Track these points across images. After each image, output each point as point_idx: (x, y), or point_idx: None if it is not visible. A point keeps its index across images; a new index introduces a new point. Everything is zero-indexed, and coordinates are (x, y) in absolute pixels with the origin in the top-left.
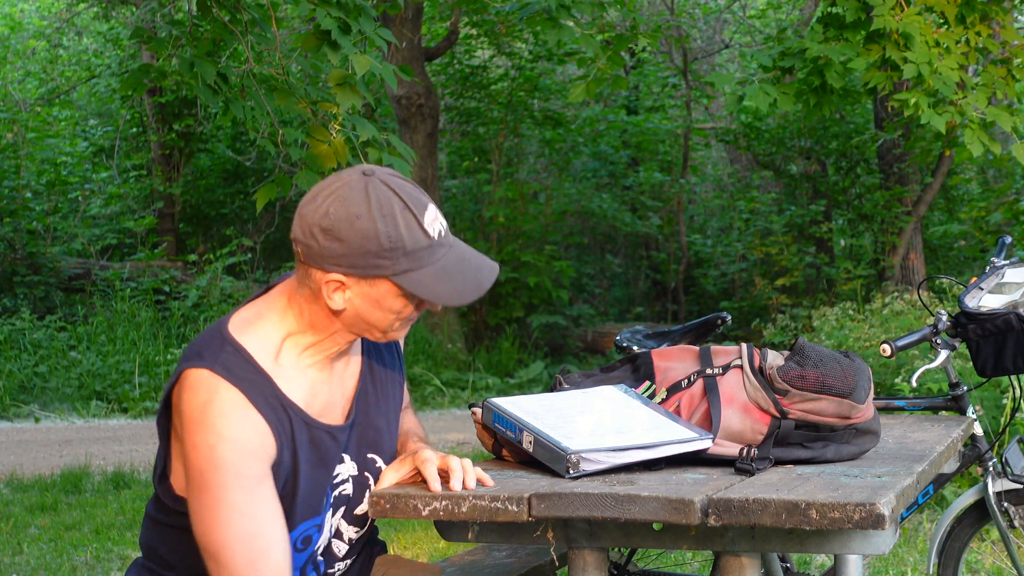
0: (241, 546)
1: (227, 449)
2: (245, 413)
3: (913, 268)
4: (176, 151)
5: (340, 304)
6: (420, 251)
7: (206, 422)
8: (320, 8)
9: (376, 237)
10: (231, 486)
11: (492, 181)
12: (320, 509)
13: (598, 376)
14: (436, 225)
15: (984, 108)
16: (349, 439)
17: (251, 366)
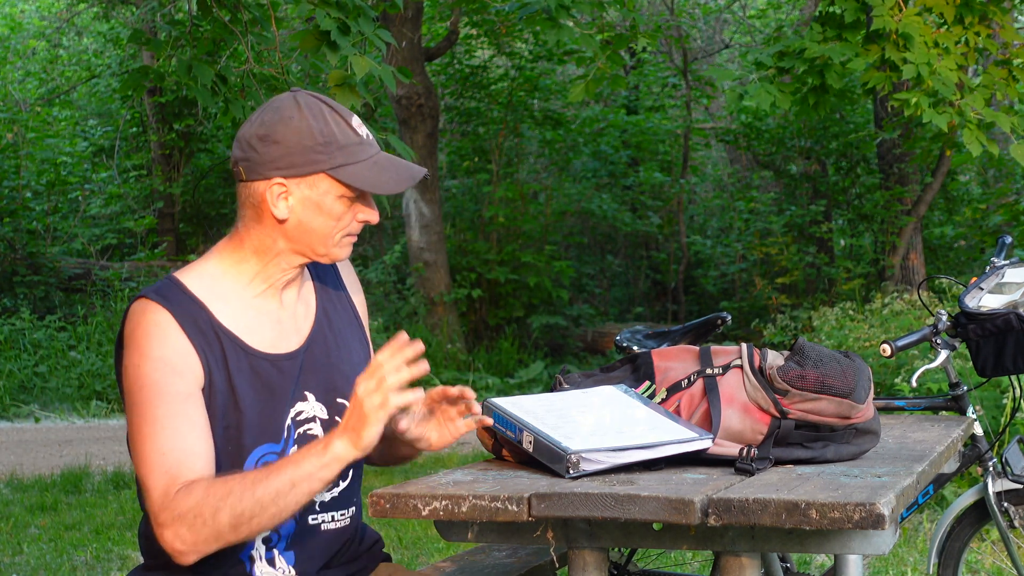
0: (159, 458)
1: (150, 368)
2: (170, 332)
3: (913, 268)
4: (176, 151)
5: (284, 212)
6: (352, 146)
7: (134, 343)
8: (319, 8)
9: (310, 132)
10: (154, 403)
11: (492, 181)
12: (277, 437)
13: (598, 376)
14: (363, 130)
15: (982, 109)
16: (303, 374)
17: (186, 296)
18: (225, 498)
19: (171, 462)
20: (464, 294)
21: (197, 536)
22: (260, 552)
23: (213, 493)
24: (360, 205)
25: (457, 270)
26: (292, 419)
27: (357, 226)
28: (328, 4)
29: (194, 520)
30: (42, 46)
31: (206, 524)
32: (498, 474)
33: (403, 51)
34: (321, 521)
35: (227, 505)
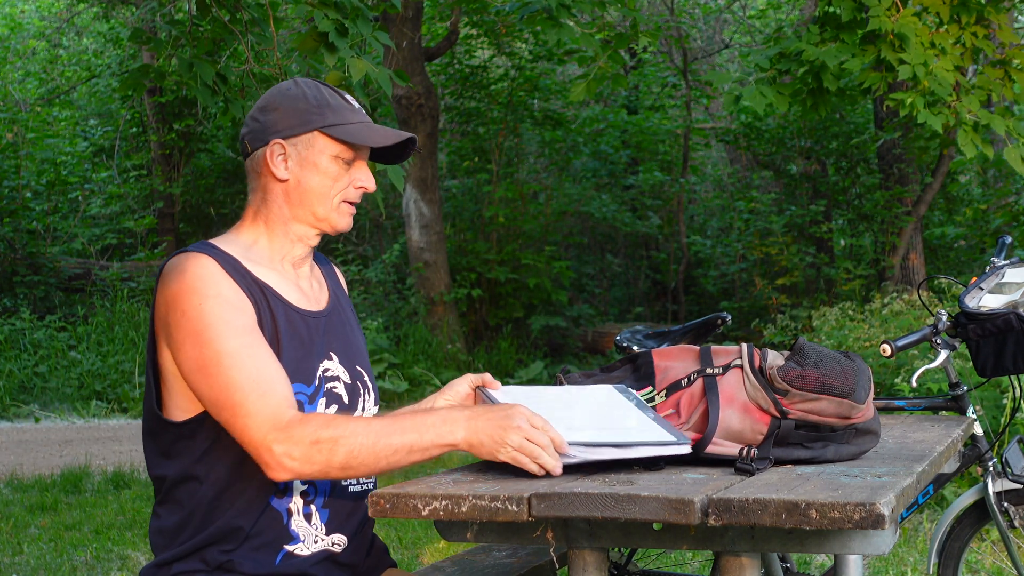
0: (251, 384)
1: (213, 304)
2: (220, 275)
3: (913, 268)
4: (176, 151)
5: (284, 172)
6: (343, 110)
7: (188, 287)
8: (318, 10)
9: (304, 97)
10: (225, 335)
11: (492, 181)
12: (308, 380)
13: (598, 376)
14: (356, 104)
15: (977, 111)
16: (328, 335)
17: (225, 253)
18: (347, 437)
19: (266, 386)
20: (464, 294)
21: (308, 461)
22: (298, 506)
23: (336, 428)
24: (357, 171)
25: (457, 270)
26: (322, 372)
27: (355, 193)
28: (327, 5)
29: (311, 445)
30: (42, 46)
31: (322, 453)
32: (498, 474)
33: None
34: (350, 483)
35: (347, 444)
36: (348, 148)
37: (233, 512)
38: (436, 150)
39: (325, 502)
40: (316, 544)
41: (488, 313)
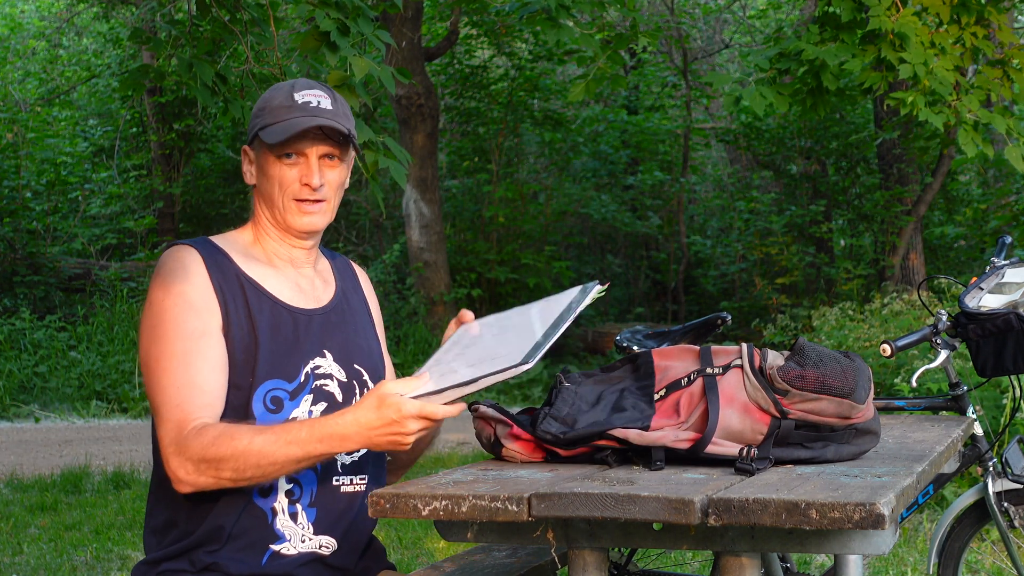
0: (173, 391)
1: (171, 303)
2: (192, 271)
3: (913, 268)
4: (176, 151)
5: (250, 177)
6: (278, 109)
7: (159, 279)
8: (319, 9)
9: (258, 103)
10: (171, 337)
11: (492, 181)
12: (289, 376)
13: (598, 376)
14: (309, 98)
15: (977, 111)
16: (324, 332)
17: (215, 247)
18: (231, 457)
19: (184, 396)
20: (464, 294)
21: (199, 476)
22: (283, 505)
23: (221, 447)
24: (303, 168)
25: (457, 270)
26: (311, 370)
27: (303, 190)
28: (328, 5)
29: (198, 463)
30: (42, 46)
31: (209, 470)
32: (498, 474)
33: (403, 51)
34: (341, 483)
35: (232, 462)
36: (282, 147)
37: (216, 511)
38: (436, 150)
39: (312, 501)
40: (303, 544)
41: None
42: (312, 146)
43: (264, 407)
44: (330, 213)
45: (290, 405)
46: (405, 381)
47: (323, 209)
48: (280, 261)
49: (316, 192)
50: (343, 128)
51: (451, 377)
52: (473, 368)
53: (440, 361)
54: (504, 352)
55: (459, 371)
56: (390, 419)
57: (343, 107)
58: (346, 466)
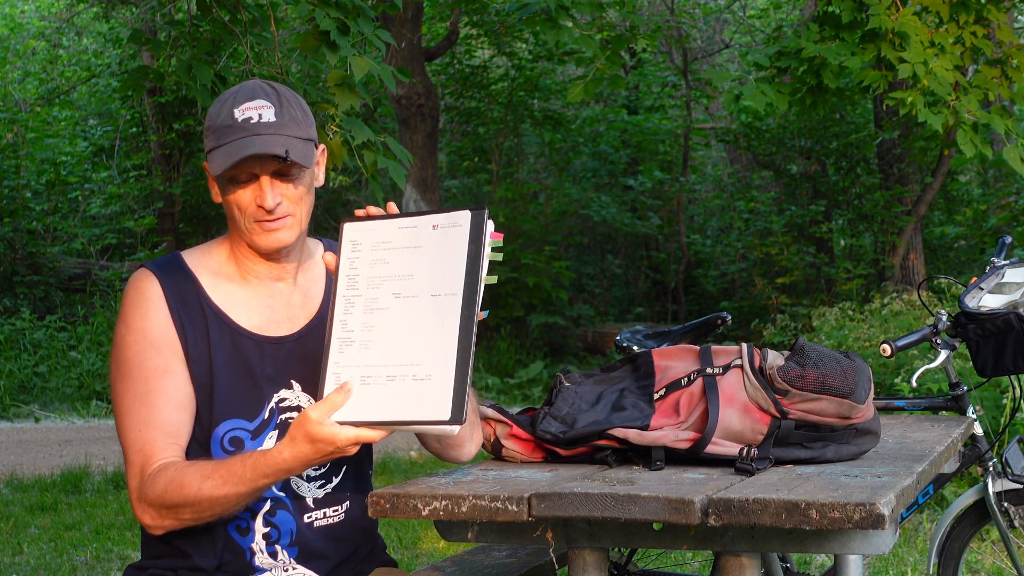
0: (136, 435)
1: (132, 340)
2: (155, 304)
3: (913, 268)
4: (176, 151)
5: (217, 196)
6: (220, 129)
7: (122, 311)
8: (319, 9)
9: (207, 119)
10: (134, 377)
11: (492, 181)
12: (251, 415)
13: (598, 376)
14: (250, 113)
15: (976, 111)
16: (292, 362)
17: (182, 271)
18: (187, 504)
19: (146, 439)
20: None
21: (163, 520)
22: (261, 546)
23: (177, 486)
24: (257, 189)
25: None
26: (276, 404)
27: (259, 211)
28: (328, 4)
29: (160, 506)
30: (42, 46)
31: (170, 513)
32: (498, 474)
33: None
34: (315, 519)
35: (188, 502)
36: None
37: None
38: (436, 150)
39: (292, 541)
40: (286, 573)
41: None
42: (260, 167)
43: (223, 450)
44: (298, 225)
45: (252, 444)
46: (326, 403)
47: (288, 224)
48: (254, 279)
49: (273, 212)
50: (280, 151)
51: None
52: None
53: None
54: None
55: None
56: (327, 451)
57: (291, 110)
58: (319, 500)
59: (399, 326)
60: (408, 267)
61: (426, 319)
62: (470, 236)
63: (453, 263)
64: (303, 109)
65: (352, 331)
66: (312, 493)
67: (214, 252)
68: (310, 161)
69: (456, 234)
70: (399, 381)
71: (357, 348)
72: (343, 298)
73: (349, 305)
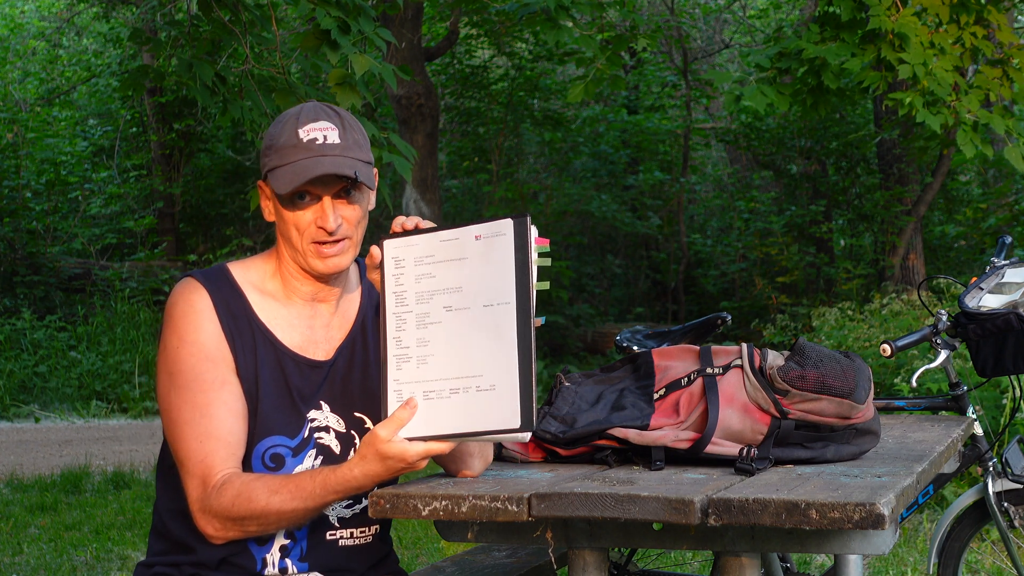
0: (198, 445)
1: (187, 352)
2: (207, 316)
3: (913, 268)
4: (176, 151)
5: (270, 215)
6: (285, 149)
7: (173, 323)
8: (319, 8)
9: (267, 136)
10: (192, 388)
11: (492, 181)
12: (292, 432)
13: (598, 376)
14: (315, 134)
15: (976, 111)
16: (325, 384)
17: (230, 284)
18: (255, 517)
19: (208, 450)
20: None
21: (227, 532)
22: (275, 558)
23: (245, 499)
24: (319, 210)
25: None
26: (310, 423)
27: (320, 232)
28: (328, 3)
29: (226, 518)
30: (42, 46)
31: (236, 525)
32: (498, 474)
33: (403, 51)
34: (339, 537)
35: (255, 515)
36: (292, 193)
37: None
38: (436, 150)
39: (302, 556)
40: None
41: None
42: (323, 188)
43: (263, 465)
44: (354, 249)
45: (292, 462)
46: (392, 420)
47: (344, 248)
48: (298, 299)
49: (334, 234)
50: (349, 172)
51: (439, 421)
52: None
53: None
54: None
55: (441, 399)
56: (398, 468)
57: (353, 134)
58: (345, 520)
59: (455, 339)
60: (456, 280)
61: (482, 330)
62: (515, 244)
63: (502, 272)
64: (363, 133)
65: (407, 347)
66: (337, 512)
67: (259, 267)
68: (373, 183)
69: (501, 243)
70: (463, 393)
71: (415, 364)
72: (394, 315)
73: (401, 322)
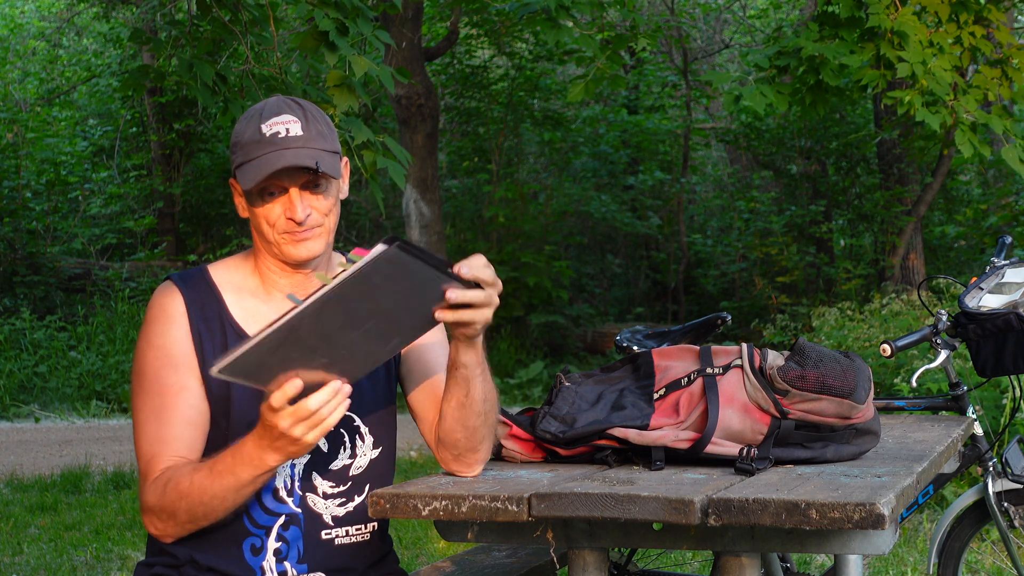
0: (147, 446)
1: (152, 356)
2: (177, 321)
3: (913, 268)
4: (176, 151)
5: (243, 211)
6: (249, 145)
7: (145, 324)
8: (318, 9)
9: (232, 136)
10: (151, 392)
11: (492, 181)
12: None
13: (598, 376)
14: (277, 128)
15: (974, 111)
16: None
17: (207, 285)
18: (181, 500)
19: (155, 452)
20: None
21: (165, 526)
22: (271, 564)
23: (173, 484)
24: (287, 201)
25: None
26: None
27: (289, 224)
28: (327, 4)
29: (160, 512)
30: (42, 46)
31: (170, 518)
32: (498, 474)
33: (403, 51)
34: (335, 536)
35: (181, 495)
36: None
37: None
38: (436, 150)
39: (300, 558)
40: None
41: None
42: (288, 180)
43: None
44: (327, 235)
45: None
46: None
47: (317, 234)
48: (277, 292)
49: (303, 224)
50: (310, 163)
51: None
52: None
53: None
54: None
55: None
56: (272, 424)
57: (317, 125)
58: (339, 518)
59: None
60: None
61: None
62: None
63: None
64: (327, 123)
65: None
66: (331, 511)
67: (239, 266)
68: (338, 172)
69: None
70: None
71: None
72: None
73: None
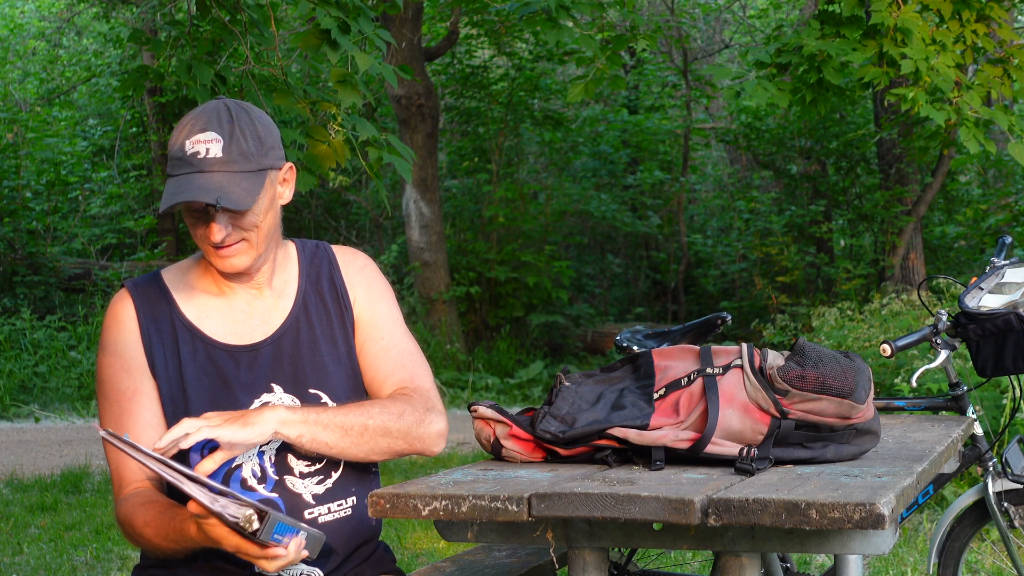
0: (112, 454)
1: (106, 362)
2: (127, 327)
3: (913, 268)
4: None
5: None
6: (173, 160)
7: (102, 333)
8: (320, 8)
9: (171, 137)
10: (109, 399)
11: (492, 181)
12: None
13: (598, 376)
14: (199, 147)
15: (978, 108)
16: (270, 366)
17: (159, 288)
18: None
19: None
20: (463, 292)
21: (131, 540)
22: None
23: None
24: (208, 222)
25: (457, 270)
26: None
27: (206, 232)
28: (328, 3)
29: (129, 528)
30: (42, 46)
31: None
32: (498, 474)
33: (403, 51)
34: (318, 515)
35: (137, 540)
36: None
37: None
38: (436, 150)
39: None
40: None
41: (488, 313)
42: (202, 205)
43: (201, 456)
44: (254, 248)
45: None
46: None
47: (243, 249)
48: (228, 288)
49: (221, 244)
50: (210, 199)
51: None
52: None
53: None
54: None
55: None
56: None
57: (242, 144)
58: (319, 496)
59: None
60: None
61: None
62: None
63: None
64: (258, 137)
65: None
66: (310, 489)
67: (192, 267)
68: (250, 201)
69: None
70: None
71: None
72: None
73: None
